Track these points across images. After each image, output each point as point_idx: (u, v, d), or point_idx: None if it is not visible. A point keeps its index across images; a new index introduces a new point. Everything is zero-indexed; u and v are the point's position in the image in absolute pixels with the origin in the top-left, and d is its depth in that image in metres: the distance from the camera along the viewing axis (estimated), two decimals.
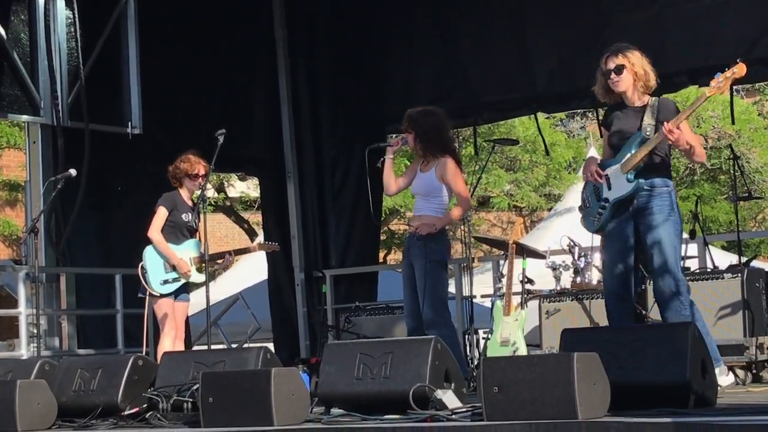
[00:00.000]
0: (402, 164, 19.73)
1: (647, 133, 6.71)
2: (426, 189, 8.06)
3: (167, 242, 8.59)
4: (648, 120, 6.77)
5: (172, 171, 8.72)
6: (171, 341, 8.52)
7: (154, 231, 8.61)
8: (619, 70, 6.79)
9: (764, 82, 19.73)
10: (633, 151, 6.72)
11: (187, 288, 8.74)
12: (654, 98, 6.80)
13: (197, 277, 8.64)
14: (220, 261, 8.99)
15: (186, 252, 8.63)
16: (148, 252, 8.62)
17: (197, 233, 8.67)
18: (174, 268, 8.56)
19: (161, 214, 8.62)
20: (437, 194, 8.01)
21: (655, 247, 6.67)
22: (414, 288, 7.94)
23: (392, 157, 8.24)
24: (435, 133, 8.01)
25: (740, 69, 6.61)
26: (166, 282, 8.57)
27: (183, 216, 8.65)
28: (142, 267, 8.58)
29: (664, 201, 6.68)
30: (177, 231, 8.64)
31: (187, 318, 10.78)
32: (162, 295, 8.56)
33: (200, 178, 8.70)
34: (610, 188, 6.82)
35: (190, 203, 8.75)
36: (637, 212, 6.72)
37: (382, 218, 16.81)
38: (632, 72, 6.77)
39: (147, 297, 8.62)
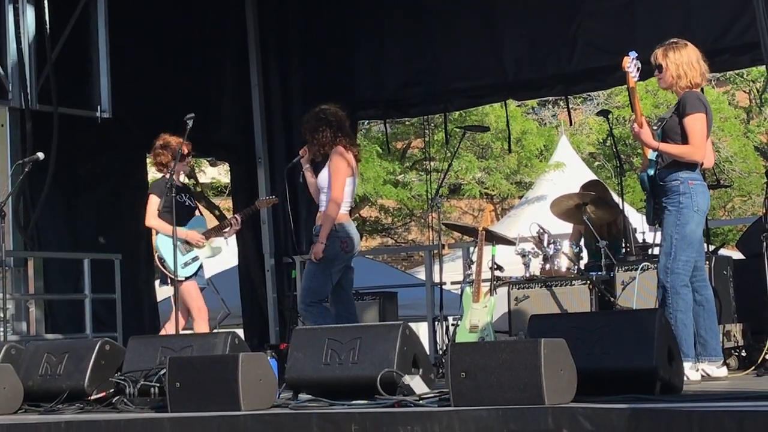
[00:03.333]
0: (374, 150, 19.78)
1: (655, 127, 6.87)
2: (322, 183, 8.08)
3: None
4: (669, 114, 6.93)
5: (157, 158, 8.65)
6: (205, 323, 8.57)
7: (152, 218, 8.61)
8: (659, 69, 6.89)
9: (734, 70, 19.85)
10: None
11: (203, 272, 8.76)
12: (687, 91, 6.84)
13: (212, 251, 8.78)
14: (227, 229, 8.97)
15: (194, 230, 8.71)
16: (159, 240, 8.62)
17: (196, 211, 8.77)
18: (188, 248, 8.58)
19: (153, 201, 8.60)
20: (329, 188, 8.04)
21: (662, 235, 6.85)
22: None
23: (309, 167, 8.19)
24: (316, 133, 8.04)
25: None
26: (186, 264, 8.59)
27: (178, 198, 8.60)
28: (158, 258, 8.60)
29: (672, 194, 6.77)
30: (179, 214, 8.56)
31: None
32: (186, 278, 8.55)
33: (188, 158, 8.75)
34: None
35: (181, 185, 8.79)
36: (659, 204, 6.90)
37: (353, 206, 16.79)
38: (669, 73, 6.84)
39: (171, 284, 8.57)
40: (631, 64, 6.75)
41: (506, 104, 12.57)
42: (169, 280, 8.59)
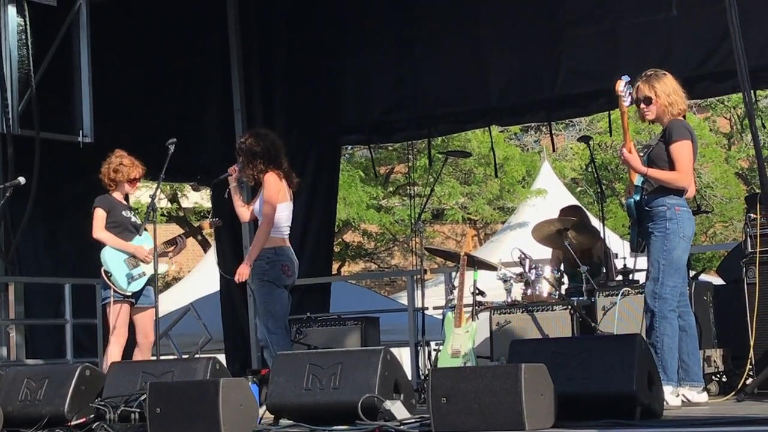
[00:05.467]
0: (356, 175, 19.80)
1: (641, 154, 6.93)
2: (259, 210, 8.22)
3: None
4: (655, 141, 7.00)
5: (108, 173, 8.66)
6: (120, 349, 8.43)
7: (99, 231, 8.54)
8: (648, 101, 6.94)
9: (715, 97, 19.96)
10: None
11: (150, 292, 8.60)
12: (673, 119, 6.92)
13: (159, 267, 8.57)
14: (172, 248, 8.87)
15: (141, 246, 8.62)
16: (106, 253, 8.51)
17: (142, 228, 8.64)
18: (135, 263, 8.50)
19: (100, 214, 8.56)
20: None
21: (648, 261, 6.87)
22: None
23: (236, 185, 8.35)
24: (253, 158, 8.16)
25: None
26: (132, 279, 8.50)
27: (123, 213, 8.63)
28: (105, 271, 8.45)
29: (659, 219, 6.82)
30: (123, 230, 8.60)
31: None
32: (131, 294, 8.45)
33: (138, 182, 8.74)
34: None
35: (126, 202, 8.76)
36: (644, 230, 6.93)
37: (336, 230, 16.79)
38: (658, 104, 6.91)
39: (110, 303, 8.48)
40: (624, 88, 6.81)
41: (490, 130, 12.61)
42: (111, 297, 8.43)
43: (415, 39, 11.43)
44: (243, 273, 7.98)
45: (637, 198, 6.93)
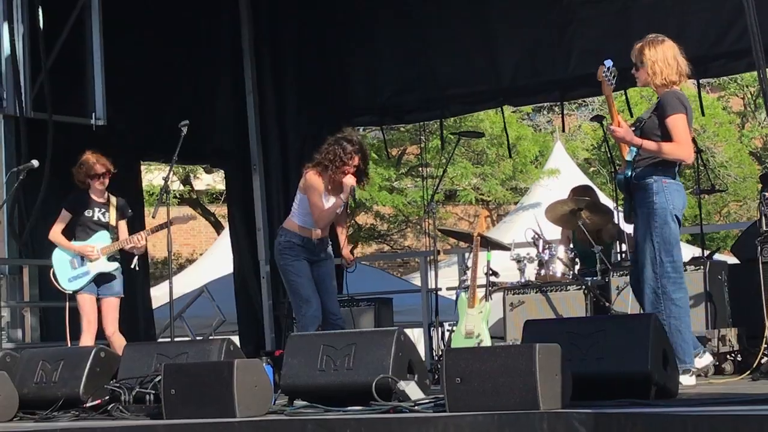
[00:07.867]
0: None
1: (633, 128, 6.84)
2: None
3: (77, 240, 8.92)
4: (647, 114, 6.88)
5: (76, 177, 8.97)
6: (89, 338, 8.78)
7: (52, 233, 8.98)
8: (636, 66, 6.86)
9: (728, 76, 19.87)
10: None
11: (108, 281, 8.95)
12: (666, 91, 6.80)
13: (106, 266, 8.92)
14: (130, 247, 9.08)
15: (94, 244, 8.93)
16: (55, 254, 8.95)
17: (110, 226, 8.99)
18: (80, 264, 8.85)
19: (61, 216, 9.00)
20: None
21: (636, 238, 6.80)
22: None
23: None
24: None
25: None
26: (73, 279, 8.88)
27: (86, 213, 8.94)
28: (52, 271, 8.92)
29: (645, 194, 6.72)
30: (85, 228, 8.95)
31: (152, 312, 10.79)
32: (75, 292, 8.86)
33: (103, 176, 8.95)
34: None
35: (102, 200, 9.01)
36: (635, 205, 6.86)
37: (349, 212, 16.78)
38: (646, 71, 6.81)
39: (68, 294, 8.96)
40: (606, 72, 6.76)
41: (502, 110, 12.58)
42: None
43: (425, 19, 11.40)
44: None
45: (629, 173, 6.81)
